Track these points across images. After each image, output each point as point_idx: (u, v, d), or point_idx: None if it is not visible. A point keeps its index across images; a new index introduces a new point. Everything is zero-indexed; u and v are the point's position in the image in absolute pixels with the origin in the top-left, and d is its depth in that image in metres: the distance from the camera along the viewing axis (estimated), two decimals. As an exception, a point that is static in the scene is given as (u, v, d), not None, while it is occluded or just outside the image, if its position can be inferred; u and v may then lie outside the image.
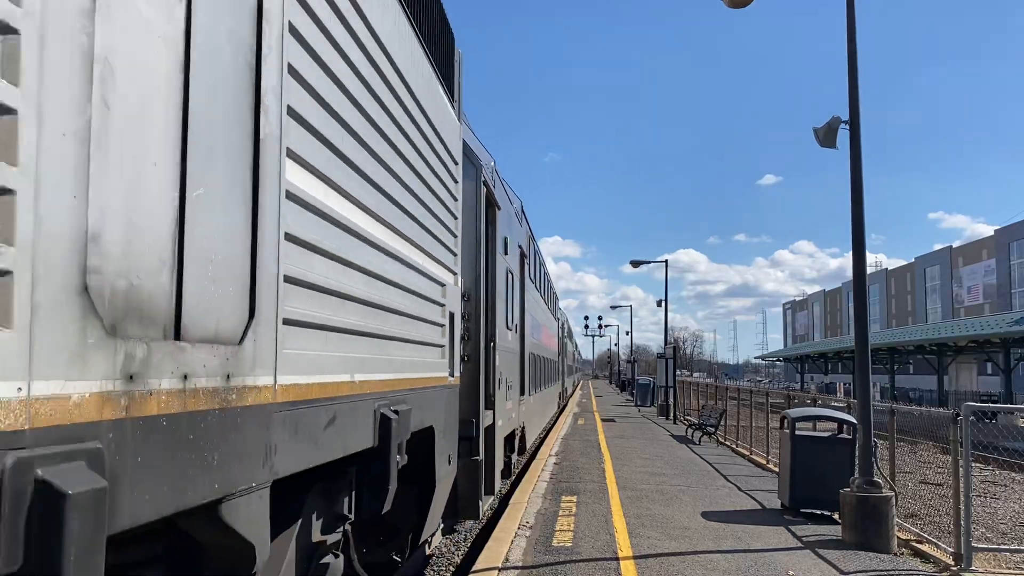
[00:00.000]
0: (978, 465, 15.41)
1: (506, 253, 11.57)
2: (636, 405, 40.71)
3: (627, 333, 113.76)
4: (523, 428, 14.56)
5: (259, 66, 2.84)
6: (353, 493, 4.56)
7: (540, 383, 19.40)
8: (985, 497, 13.97)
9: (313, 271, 3.43)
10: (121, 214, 2.06)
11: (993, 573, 7.92)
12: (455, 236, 6.97)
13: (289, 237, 3.12)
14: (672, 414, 28.99)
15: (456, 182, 7.00)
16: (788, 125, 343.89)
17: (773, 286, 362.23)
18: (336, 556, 4.39)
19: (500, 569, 7.24)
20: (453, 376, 6.88)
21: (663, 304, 35.82)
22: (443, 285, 6.40)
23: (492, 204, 10.08)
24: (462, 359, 7.76)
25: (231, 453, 2.62)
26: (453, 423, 6.95)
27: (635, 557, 7.81)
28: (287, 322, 3.11)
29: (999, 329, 34.86)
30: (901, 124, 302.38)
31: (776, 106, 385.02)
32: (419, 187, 5.45)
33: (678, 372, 32.28)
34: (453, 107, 6.98)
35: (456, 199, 7.00)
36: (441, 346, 6.35)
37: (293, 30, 3.14)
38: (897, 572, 7.71)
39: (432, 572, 8.66)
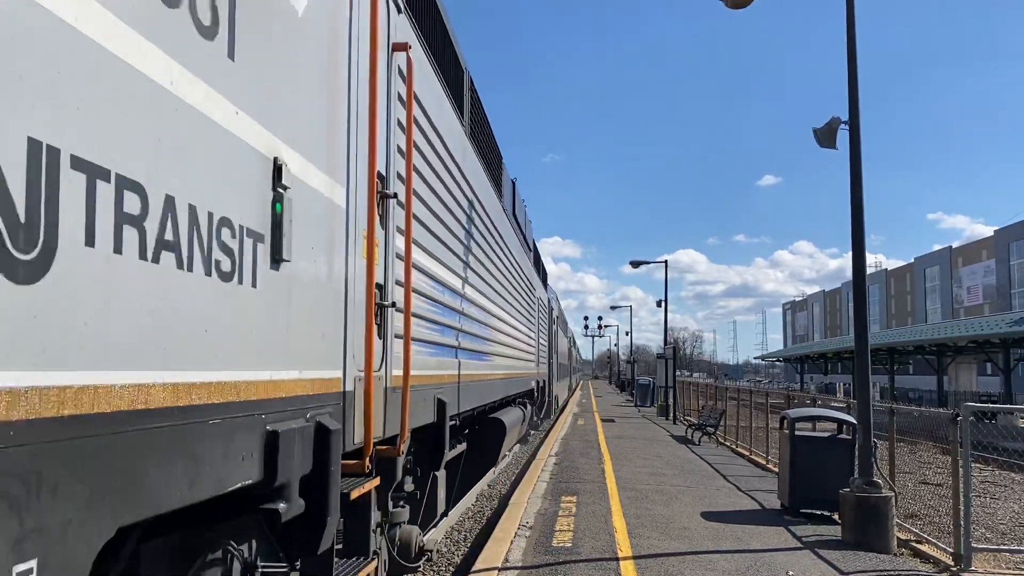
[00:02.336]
0: (978, 465, 15.41)
1: (554, 325, 27.28)
2: (636, 405, 40.71)
3: (627, 333, 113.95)
4: (557, 395, 31.66)
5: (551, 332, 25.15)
6: (535, 391, 18.46)
7: (562, 376, 37.24)
8: (985, 497, 13.96)
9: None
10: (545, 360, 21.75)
11: (993, 573, 7.92)
12: (545, 330, 22.13)
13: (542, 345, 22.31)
14: (672, 414, 28.98)
15: (546, 314, 23.66)
16: (788, 125, 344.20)
17: (773, 286, 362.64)
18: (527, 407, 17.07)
19: (500, 569, 7.24)
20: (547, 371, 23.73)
21: (663, 304, 35.84)
22: (549, 350, 24.19)
23: (551, 310, 25.70)
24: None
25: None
26: (550, 382, 24.84)
27: (635, 557, 7.81)
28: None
29: (999, 329, 34.84)
30: (901, 124, 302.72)
31: (776, 106, 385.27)
32: (537, 323, 19.93)
33: (678, 372, 32.28)
34: (548, 290, 24.00)
35: (554, 320, 28.44)
36: (549, 364, 23.92)
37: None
38: (897, 572, 7.71)
39: (432, 572, 8.66)
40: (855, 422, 9.61)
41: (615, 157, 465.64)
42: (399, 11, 5.11)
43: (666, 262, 34.89)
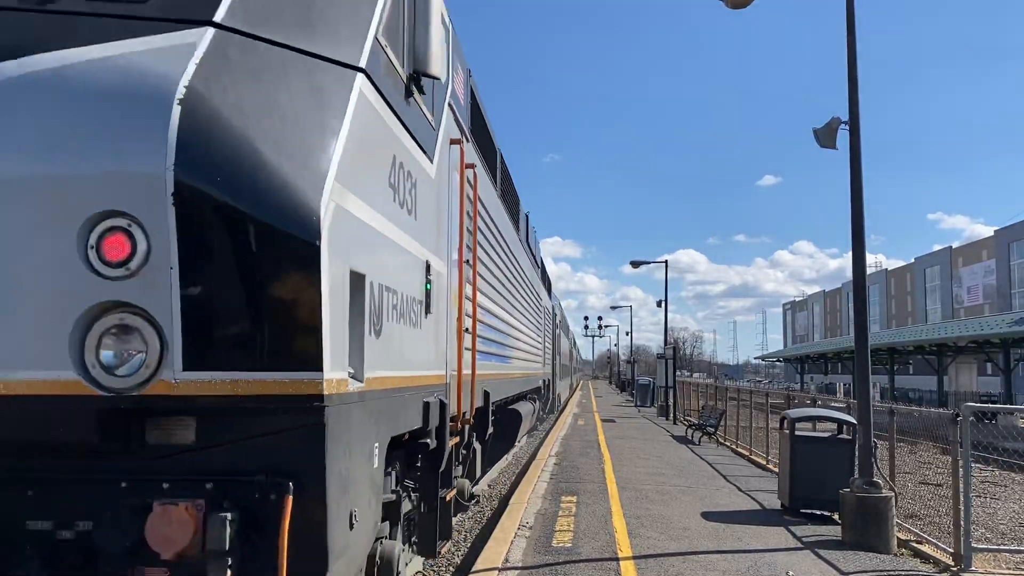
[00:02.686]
0: (978, 465, 15.41)
1: (557, 328, 30.32)
2: (636, 405, 40.74)
3: (627, 333, 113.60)
4: (560, 393, 35.42)
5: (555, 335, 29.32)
6: (542, 389, 22.06)
7: (564, 376, 40.05)
8: (985, 497, 13.96)
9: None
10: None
11: (993, 573, 7.92)
12: (550, 334, 25.70)
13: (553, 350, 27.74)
14: (672, 414, 29.00)
15: (551, 320, 26.88)
16: (788, 125, 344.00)
17: (773, 286, 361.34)
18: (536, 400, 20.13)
19: (500, 569, 7.24)
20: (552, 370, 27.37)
21: (663, 304, 35.88)
22: (553, 352, 27.85)
23: (555, 315, 29.63)
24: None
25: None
26: (554, 381, 28.86)
27: (635, 557, 7.82)
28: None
29: (999, 329, 34.87)
30: (901, 124, 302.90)
31: (776, 106, 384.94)
32: (546, 332, 23.38)
33: (678, 372, 32.30)
34: (551, 297, 29.26)
35: (557, 324, 31.85)
36: (553, 364, 27.46)
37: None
38: (897, 572, 7.71)
39: (432, 572, 8.67)
40: (855, 422, 9.61)
41: (615, 157, 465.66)
42: (467, 140, 7.64)
43: (666, 262, 34.97)
